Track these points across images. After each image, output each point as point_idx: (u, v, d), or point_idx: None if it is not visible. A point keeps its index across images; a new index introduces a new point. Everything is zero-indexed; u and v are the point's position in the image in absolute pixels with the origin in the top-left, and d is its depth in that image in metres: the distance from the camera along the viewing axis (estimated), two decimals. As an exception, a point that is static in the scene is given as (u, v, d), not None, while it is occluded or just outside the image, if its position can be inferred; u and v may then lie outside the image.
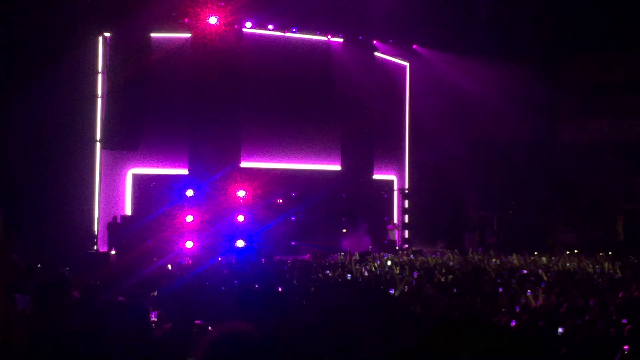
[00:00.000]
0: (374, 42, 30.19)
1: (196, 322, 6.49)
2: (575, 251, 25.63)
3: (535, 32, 28.71)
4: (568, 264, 21.30)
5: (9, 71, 22.14)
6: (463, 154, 29.71)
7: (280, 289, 14.83)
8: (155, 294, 11.33)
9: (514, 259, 22.29)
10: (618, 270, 18.80)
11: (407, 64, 32.31)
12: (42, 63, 22.35)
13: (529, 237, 28.20)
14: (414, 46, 31.35)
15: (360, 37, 29.75)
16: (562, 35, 28.84)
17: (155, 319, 7.25)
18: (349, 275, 17.73)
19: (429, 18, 28.48)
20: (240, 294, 13.66)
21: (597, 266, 20.25)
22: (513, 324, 10.26)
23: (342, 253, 24.31)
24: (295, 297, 12.80)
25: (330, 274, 18.13)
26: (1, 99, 22.09)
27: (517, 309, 11.74)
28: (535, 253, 23.90)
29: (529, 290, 13.87)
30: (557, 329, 10.07)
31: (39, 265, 14.54)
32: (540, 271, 18.36)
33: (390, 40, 30.66)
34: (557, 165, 29.61)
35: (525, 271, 18.70)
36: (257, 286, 13.84)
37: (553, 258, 22.89)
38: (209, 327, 6.19)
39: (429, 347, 1.78)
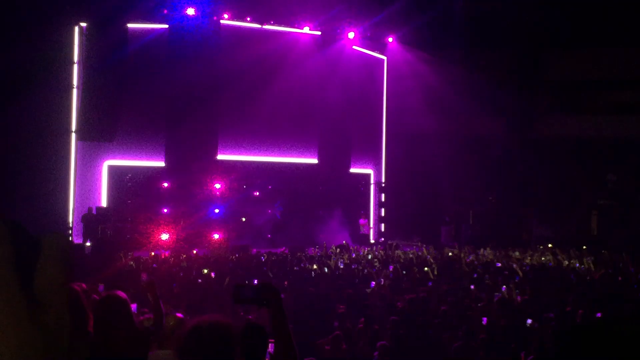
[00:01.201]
0: (352, 35, 30.15)
1: (177, 314, 6.48)
2: (550, 245, 25.88)
3: (512, 27, 28.81)
4: (542, 259, 21.51)
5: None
6: (440, 148, 29.81)
7: (255, 282, 14.84)
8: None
9: (489, 253, 22.46)
10: (591, 265, 19.01)
11: (384, 57, 32.38)
12: (17, 53, 22.09)
13: (505, 232, 28.45)
14: (391, 40, 31.42)
15: (338, 30, 29.74)
16: (540, 30, 29.00)
17: (135, 311, 7.22)
18: (326, 268, 17.78)
19: (406, 11, 28.56)
20: (216, 287, 13.67)
21: (573, 261, 20.46)
22: (485, 321, 10.32)
23: (318, 246, 24.36)
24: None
25: (307, 267, 18.17)
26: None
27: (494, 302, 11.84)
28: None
29: (504, 286, 14.00)
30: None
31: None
32: (514, 265, 18.52)
33: (368, 34, 30.70)
34: (533, 159, 29.80)
35: (499, 264, 18.88)
36: (232, 279, 13.84)
37: (528, 252, 23.09)
38: (186, 319, 6.19)
39: None
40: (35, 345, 0.61)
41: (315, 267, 18.09)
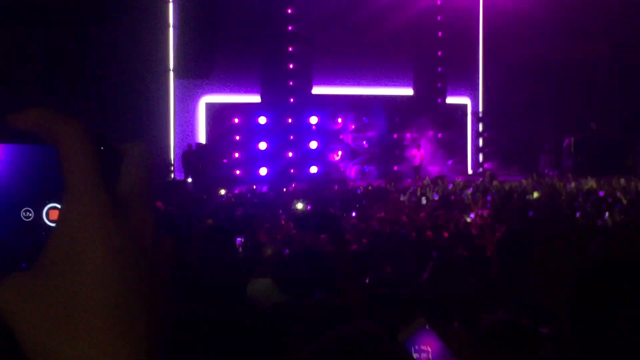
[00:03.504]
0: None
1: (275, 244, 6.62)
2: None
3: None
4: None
5: (80, 3, 22.36)
6: (539, 73, 28.94)
7: (353, 214, 15.00)
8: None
9: (591, 182, 21.84)
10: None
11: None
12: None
13: (608, 159, 27.51)
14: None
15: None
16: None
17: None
18: (423, 199, 17.78)
19: None
20: (313, 219, 13.84)
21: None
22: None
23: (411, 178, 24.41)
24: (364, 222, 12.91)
25: (403, 199, 18.21)
26: (74, 30, 22.41)
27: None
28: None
29: (606, 213, 13.65)
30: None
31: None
32: (618, 193, 17.98)
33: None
34: (637, 84, 28.55)
35: (602, 193, 18.36)
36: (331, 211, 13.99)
37: (633, 180, 22.35)
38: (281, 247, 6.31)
39: None
40: (121, 244, 0.65)
41: (405, 197, 18.12)
